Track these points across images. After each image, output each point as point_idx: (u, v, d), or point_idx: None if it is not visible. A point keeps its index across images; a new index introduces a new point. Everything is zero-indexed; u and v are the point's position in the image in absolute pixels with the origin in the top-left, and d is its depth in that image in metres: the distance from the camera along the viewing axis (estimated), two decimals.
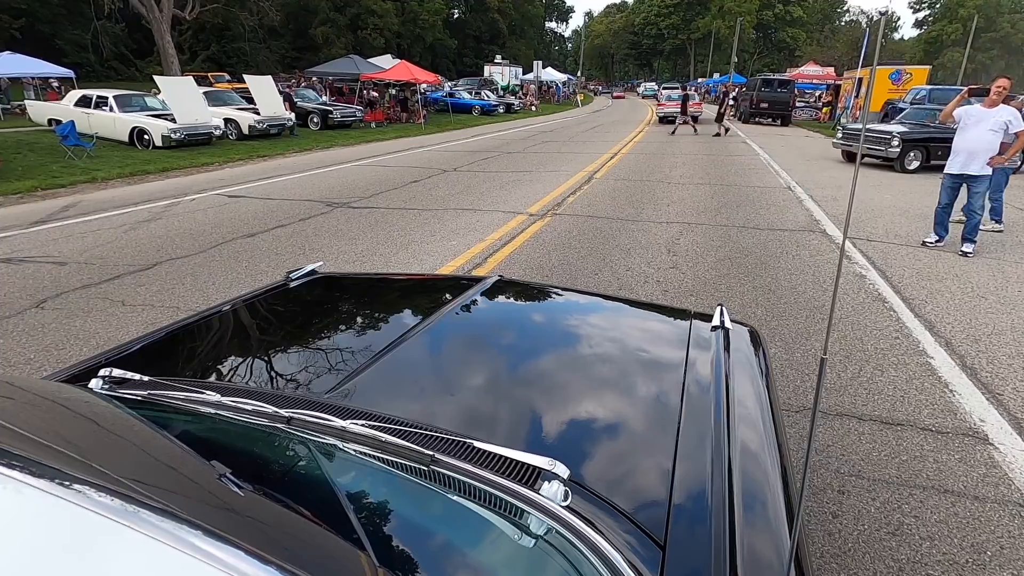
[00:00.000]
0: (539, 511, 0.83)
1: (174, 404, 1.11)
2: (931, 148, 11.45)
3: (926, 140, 11.51)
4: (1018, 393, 3.22)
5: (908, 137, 11.42)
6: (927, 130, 11.82)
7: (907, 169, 11.43)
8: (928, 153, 11.49)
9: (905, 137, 11.37)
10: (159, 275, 5.03)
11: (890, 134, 11.46)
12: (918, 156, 11.52)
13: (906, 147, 11.30)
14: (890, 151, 11.31)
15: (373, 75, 22.07)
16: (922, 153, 11.50)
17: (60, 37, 32.81)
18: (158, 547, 0.57)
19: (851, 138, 12.45)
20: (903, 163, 11.42)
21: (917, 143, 11.48)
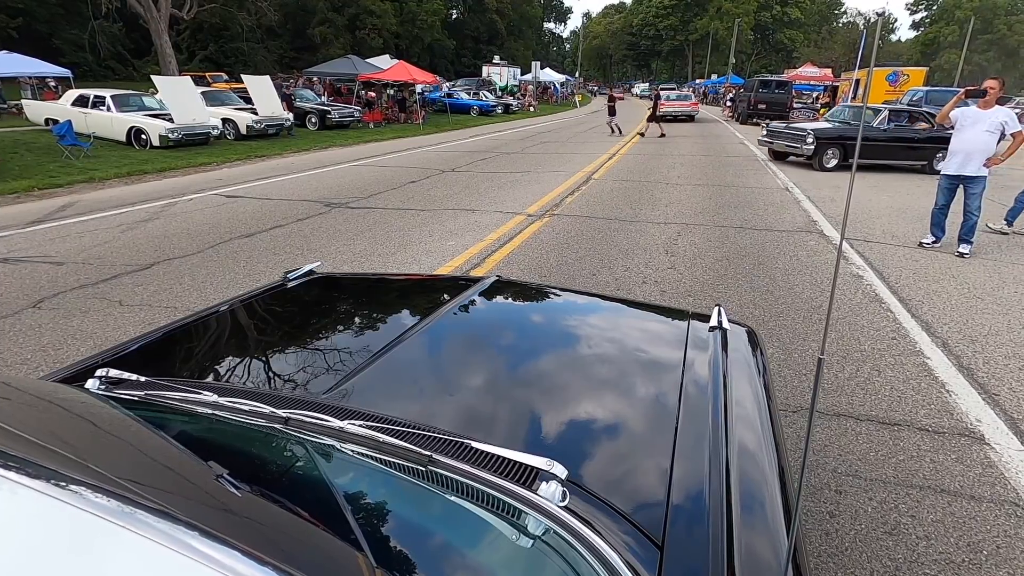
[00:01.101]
0: (537, 511, 0.83)
1: (171, 404, 1.11)
2: (848, 146, 11.44)
3: (843, 138, 11.47)
4: (1014, 393, 3.23)
5: (823, 135, 11.36)
6: (847, 129, 11.79)
7: (825, 167, 11.38)
8: (846, 151, 11.45)
9: (820, 135, 11.30)
10: (156, 275, 5.02)
11: (804, 131, 11.46)
12: (836, 154, 11.44)
13: (821, 145, 11.23)
14: (805, 148, 11.28)
15: (371, 75, 22.05)
16: (839, 151, 11.44)
17: (57, 37, 32.72)
18: (155, 548, 0.57)
19: (775, 136, 12.38)
20: (821, 161, 11.35)
21: (833, 141, 11.42)
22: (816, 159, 11.34)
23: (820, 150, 11.23)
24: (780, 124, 12.98)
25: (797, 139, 11.55)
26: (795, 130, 11.83)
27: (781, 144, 12.11)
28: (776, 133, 12.42)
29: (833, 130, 11.66)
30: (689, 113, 27.90)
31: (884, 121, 11.45)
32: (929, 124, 11.66)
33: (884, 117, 11.50)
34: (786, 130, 12.17)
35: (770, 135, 12.59)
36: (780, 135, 12.30)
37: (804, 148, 11.27)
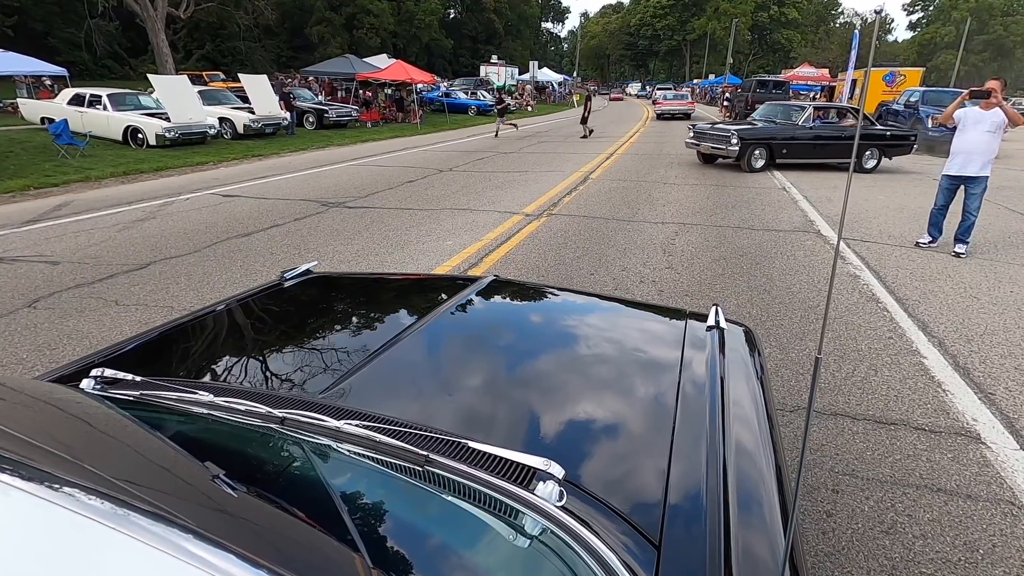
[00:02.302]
0: (534, 511, 0.83)
1: (167, 404, 1.10)
2: (774, 146, 11.05)
3: (767, 139, 11.05)
4: (1010, 393, 3.24)
5: (747, 135, 10.88)
6: (772, 128, 11.37)
7: (753, 168, 10.98)
8: (771, 152, 11.06)
9: (743, 135, 10.80)
10: (153, 275, 5.00)
11: (728, 132, 10.92)
12: (762, 155, 11.03)
13: (746, 145, 10.79)
14: (729, 149, 10.79)
15: (368, 75, 22.02)
16: (765, 151, 11.03)
17: (53, 35, 32.60)
18: (149, 551, 0.57)
19: (701, 137, 11.62)
20: (748, 162, 10.93)
21: (758, 141, 10.99)
22: (743, 160, 10.90)
23: (745, 151, 10.77)
24: (705, 125, 12.15)
25: (722, 140, 10.98)
26: (719, 131, 11.24)
27: (707, 146, 11.43)
28: (702, 134, 11.63)
29: (758, 130, 11.22)
30: (685, 111, 29.78)
31: (809, 119, 11.24)
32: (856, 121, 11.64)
33: (809, 115, 11.28)
34: (711, 131, 11.48)
35: (696, 137, 11.77)
36: (706, 136, 11.53)
37: (729, 149, 10.76)
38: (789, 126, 11.22)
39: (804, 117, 11.22)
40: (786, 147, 11.03)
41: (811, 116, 11.22)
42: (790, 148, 11.04)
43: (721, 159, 11.52)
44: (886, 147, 11.57)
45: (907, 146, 11.84)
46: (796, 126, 11.15)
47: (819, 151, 11.31)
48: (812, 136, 11.11)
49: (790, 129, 11.13)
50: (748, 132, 10.99)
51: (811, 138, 11.11)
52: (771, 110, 12.59)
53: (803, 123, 11.14)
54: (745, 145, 10.71)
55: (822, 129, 11.27)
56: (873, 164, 11.61)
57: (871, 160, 11.56)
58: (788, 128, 11.17)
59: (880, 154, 11.57)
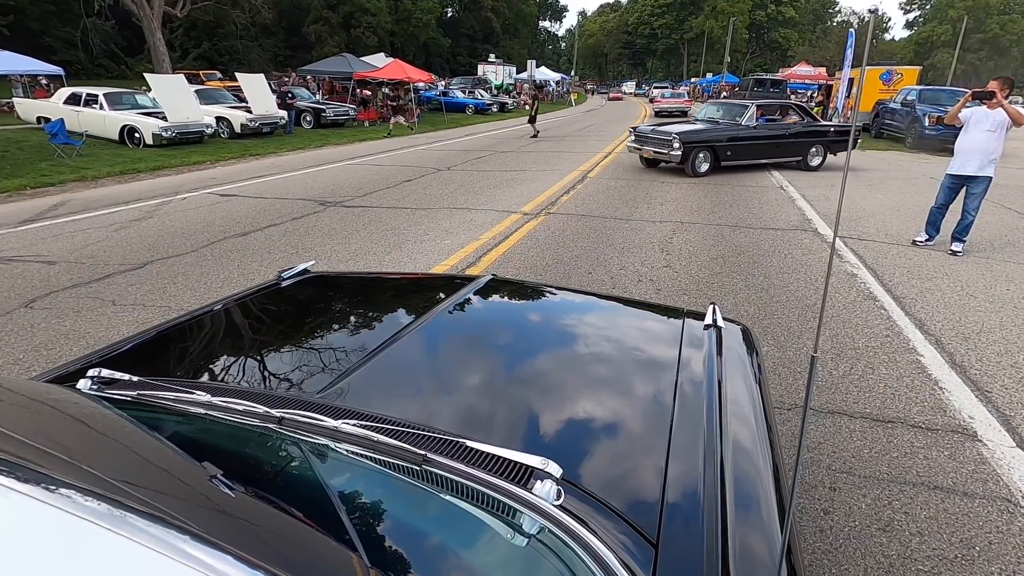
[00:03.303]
0: (532, 510, 0.83)
1: (164, 405, 1.10)
2: (717, 148, 10.33)
3: (710, 141, 10.34)
4: (1006, 390, 3.26)
5: (689, 138, 10.08)
6: (715, 129, 10.64)
7: (698, 172, 10.26)
8: (715, 154, 10.35)
9: (685, 138, 10.00)
10: (150, 274, 4.99)
11: (669, 135, 10.10)
12: (707, 158, 10.31)
13: (689, 149, 10.01)
14: (672, 153, 9.99)
15: (366, 74, 21.98)
16: (709, 154, 10.32)
17: (49, 34, 32.47)
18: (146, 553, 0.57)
19: (643, 141, 10.78)
20: (693, 166, 10.17)
21: (702, 144, 10.22)
22: (687, 164, 10.14)
23: (688, 154, 10.02)
24: (646, 127, 11.09)
25: (664, 143, 10.18)
26: (661, 134, 10.33)
27: (649, 150, 10.59)
28: (643, 138, 10.74)
29: (701, 132, 10.47)
30: (682, 109, 30.96)
31: (753, 118, 10.63)
32: (799, 117, 11.15)
33: (752, 113, 10.64)
34: (652, 134, 10.57)
35: (637, 140, 10.88)
36: (647, 140, 10.66)
37: (671, 153, 10.00)
38: (732, 126, 10.61)
39: (747, 116, 10.59)
40: (731, 148, 10.43)
41: (754, 115, 10.63)
42: (735, 149, 10.47)
43: (664, 163, 10.78)
44: (831, 143, 11.36)
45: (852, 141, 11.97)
46: (739, 126, 10.52)
47: (765, 151, 10.87)
48: (757, 136, 10.62)
49: (733, 129, 10.52)
50: (690, 134, 10.21)
51: (756, 138, 10.61)
52: (713, 110, 11.92)
53: (746, 122, 10.54)
54: (688, 148, 9.97)
55: (766, 128, 10.82)
56: (819, 161, 11.35)
57: (816, 157, 11.29)
58: (731, 128, 10.56)
59: (825, 151, 11.37)
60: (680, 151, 9.87)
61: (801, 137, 10.96)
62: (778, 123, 11.08)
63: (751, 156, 10.79)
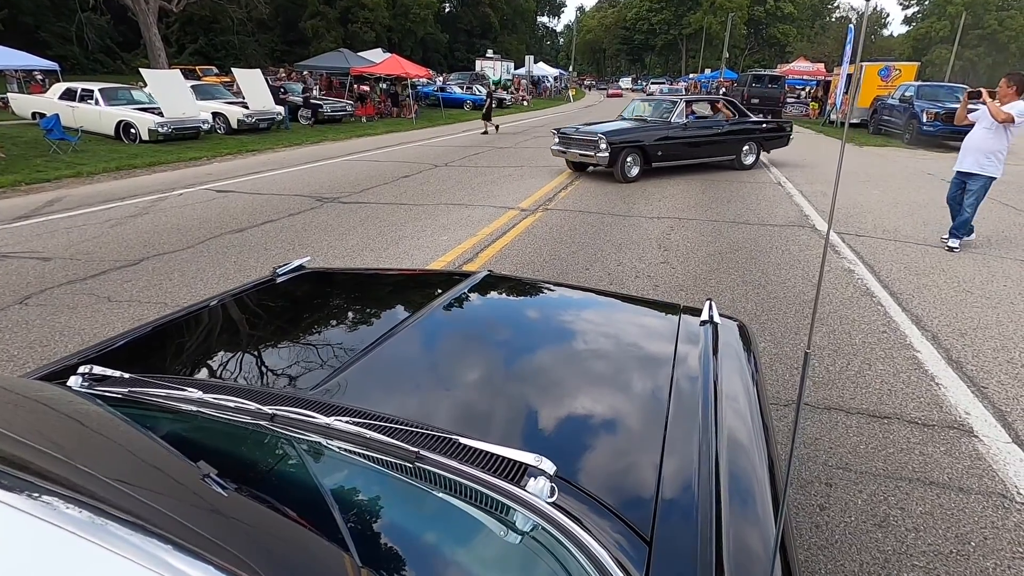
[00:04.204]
0: (525, 508, 0.83)
1: (156, 402, 1.09)
2: (647, 149, 9.44)
3: (639, 141, 9.37)
4: (1003, 386, 3.26)
5: (617, 139, 9.14)
6: (644, 128, 9.72)
7: (628, 177, 9.31)
8: (646, 155, 9.47)
9: (613, 139, 9.07)
10: (146, 271, 4.97)
11: (595, 136, 9.13)
12: (636, 160, 9.39)
13: (617, 151, 9.07)
14: (599, 156, 9.04)
15: (363, 69, 21.89)
16: (639, 156, 9.40)
17: (44, 29, 32.26)
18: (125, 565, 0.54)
19: (567, 143, 9.76)
20: (622, 170, 9.24)
21: (630, 145, 9.28)
22: (616, 168, 9.19)
23: (617, 157, 9.10)
24: (570, 127, 10.10)
25: (589, 145, 9.24)
26: (586, 135, 9.39)
27: (575, 153, 9.61)
28: (567, 139, 9.74)
29: (629, 131, 9.51)
30: None
31: (682, 114, 9.82)
32: (732, 112, 10.44)
33: (682, 110, 9.81)
34: (576, 135, 9.59)
35: (562, 142, 9.84)
36: (572, 141, 9.67)
37: (598, 156, 9.06)
38: (661, 125, 9.77)
39: (676, 113, 9.77)
40: (661, 149, 9.59)
41: (683, 111, 9.84)
42: (665, 150, 9.66)
43: (592, 167, 9.74)
44: (764, 140, 10.91)
45: (784, 137, 11.18)
46: (669, 124, 9.71)
47: (697, 150, 10.14)
48: (688, 134, 9.88)
49: (663, 128, 9.70)
50: (618, 134, 9.30)
51: (687, 136, 9.87)
52: (639, 107, 10.87)
53: (676, 120, 9.74)
54: (616, 150, 9.06)
55: (697, 125, 10.11)
56: (752, 160, 10.80)
57: (750, 156, 10.75)
58: (661, 127, 9.73)
59: (759, 148, 10.86)
60: (607, 153, 8.97)
61: (734, 134, 10.40)
62: (709, 120, 10.44)
63: (683, 156, 10.01)
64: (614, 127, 9.69)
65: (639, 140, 9.41)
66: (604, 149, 9.00)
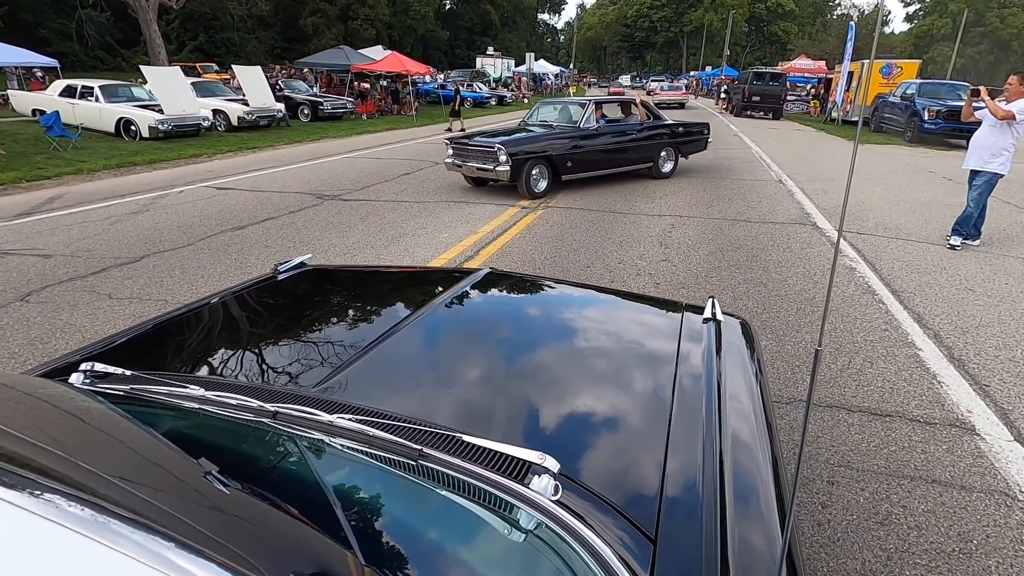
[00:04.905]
0: (529, 506, 0.82)
1: (157, 399, 1.09)
2: (555, 159, 8.04)
3: (546, 151, 7.99)
4: (1004, 384, 3.26)
5: (519, 150, 7.71)
6: (550, 136, 8.18)
7: (535, 192, 7.92)
8: (554, 167, 8.08)
9: (514, 150, 7.62)
10: (146, 268, 4.97)
11: (494, 147, 7.61)
12: (543, 173, 8.01)
13: (520, 163, 7.64)
14: (499, 170, 7.58)
15: (364, 66, 21.86)
16: (546, 168, 8.03)
17: (44, 26, 32.19)
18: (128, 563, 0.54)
19: (462, 155, 8.16)
20: (528, 185, 7.82)
21: (536, 156, 7.87)
22: (520, 183, 7.78)
23: (520, 170, 7.69)
24: (464, 136, 8.71)
25: (487, 157, 7.74)
26: (482, 145, 7.84)
27: (472, 167, 8.03)
28: (462, 151, 8.15)
29: (533, 139, 8.04)
30: (679, 101, 31.95)
31: (592, 118, 8.45)
32: (646, 115, 9.32)
33: (591, 113, 8.45)
34: (472, 145, 8.03)
35: (456, 154, 8.22)
36: (467, 153, 8.08)
37: (498, 170, 7.61)
38: (571, 130, 8.42)
39: (586, 117, 8.42)
40: (571, 159, 8.26)
41: (594, 115, 8.53)
42: (576, 159, 8.34)
43: (492, 182, 8.22)
44: (682, 144, 9.81)
45: (702, 140, 10.15)
46: (578, 129, 8.36)
47: (611, 158, 8.84)
48: (601, 141, 8.61)
49: (572, 134, 8.35)
50: (520, 143, 7.89)
51: (600, 143, 8.61)
52: (546, 111, 9.40)
53: (586, 125, 8.38)
54: (519, 163, 7.67)
55: (610, 130, 8.85)
56: (670, 167, 9.66)
57: (668, 162, 9.63)
58: (570, 133, 8.36)
59: (677, 154, 9.74)
60: (509, 166, 7.56)
61: (650, 139, 9.27)
62: (622, 123, 9.25)
63: (596, 166, 8.73)
64: (516, 136, 8.20)
65: (545, 150, 8.03)
66: (504, 162, 7.57)
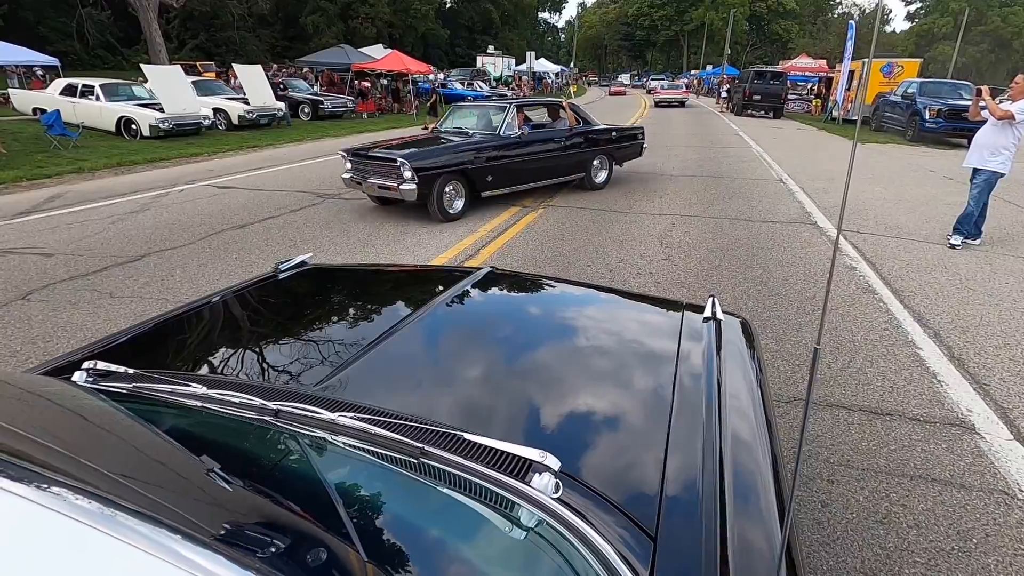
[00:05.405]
0: (530, 503, 0.83)
1: (160, 397, 1.09)
2: (472, 173, 6.70)
3: (460, 164, 6.59)
4: (1004, 383, 3.26)
5: (426, 164, 6.31)
6: (465, 145, 6.77)
7: (449, 214, 6.62)
8: (471, 181, 6.77)
9: (420, 164, 6.24)
10: (147, 267, 4.98)
11: (396, 161, 6.20)
12: (459, 190, 6.69)
13: (429, 178, 6.30)
14: (404, 188, 6.18)
15: (364, 65, 21.84)
16: (463, 183, 6.71)
17: (44, 24, 32.16)
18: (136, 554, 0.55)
19: (361, 171, 6.70)
20: (441, 206, 6.50)
21: (449, 170, 6.50)
22: (431, 203, 6.46)
23: (430, 188, 6.36)
24: (363, 148, 6.89)
25: (389, 173, 6.36)
26: (383, 158, 6.41)
27: (373, 184, 6.54)
28: (361, 167, 6.71)
29: (444, 151, 6.63)
30: (680, 100, 32.15)
31: (514, 124, 7.16)
32: (575, 119, 7.97)
33: (512, 118, 7.16)
34: (372, 160, 6.56)
35: (355, 168, 6.80)
36: (367, 169, 6.63)
37: (404, 189, 6.20)
38: (490, 139, 7.07)
39: (506, 121, 7.13)
40: (491, 172, 6.94)
41: (516, 120, 7.23)
42: (497, 172, 7.02)
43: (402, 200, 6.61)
44: (616, 151, 8.71)
45: (637, 146, 9.07)
46: (498, 137, 7.04)
47: (539, 169, 7.58)
48: (524, 149, 7.28)
49: (491, 142, 7.02)
50: (428, 156, 6.44)
51: (524, 152, 7.29)
52: (462, 116, 7.94)
53: (507, 132, 7.09)
54: (428, 179, 6.33)
55: (536, 137, 7.53)
56: (604, 177, 8.55)
57: (601, 171, 8.51)
58: (488, 142, 7.02)
59: (610, 162, 8.64)
60: (415, 184, 6.20)
61: (581, 146, 8.04)
62: (549, 129, 8.08)
63: (520, 179, 7.40)
64: (423, 148, 6.66)
65: (460, 162, 6.63)
66: (410, 179, 6.19)
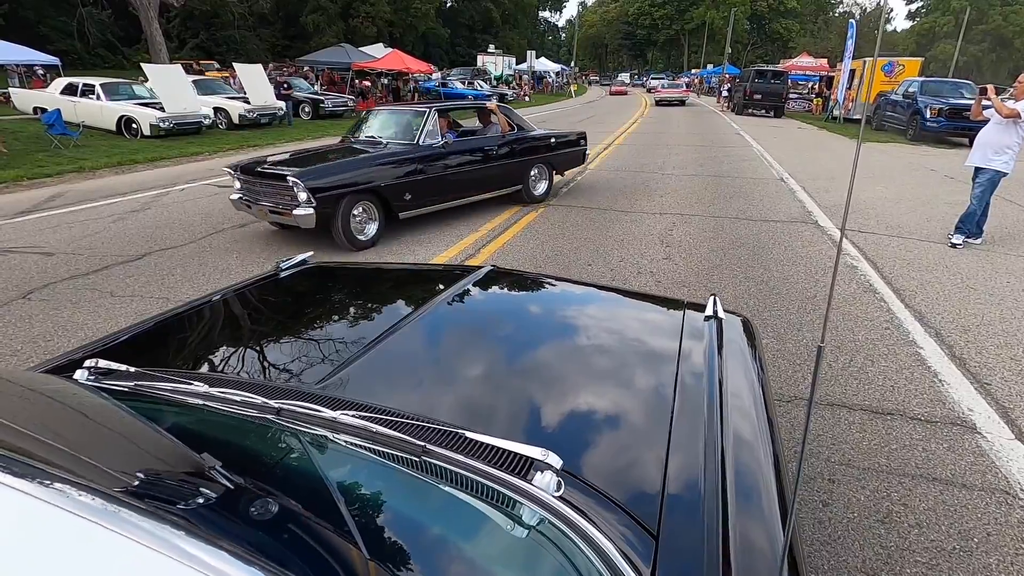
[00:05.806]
0: (532, 502, 0.83)
1: (162, 395, 1.09)
2: (385, 192, 5.59)
3: (369, 182, 5.46)
4: (1006, 382, 3.26)
5: (324, 182, 5.16)
6: (377, 159, 5.68)
7: (360, 242, 5.51)
8: (385, 203, 5.66)
9: (318, 184, 5.10)
10: (148, 265, 4.98)
11: (287, 181, 5.07)
12: (372, 212, 5.61)
13: (329, 200, 5.15)
14: (299, 214, 5.05)
15: (365, 64, 21.85)
16: (376, 203, 5.60)
17: (45, 24, 32.18)
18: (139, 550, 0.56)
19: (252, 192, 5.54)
20: (346, 233, 5.35)
21: (355, 189, 5.34)
22: (335, 229, 5.32)
23: (335, 210, 5.22)
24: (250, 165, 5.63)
25: (281, 194, 5.21)
26: (274, 179, 5.25)
27: (264, 208, 5.37)
28: (252, 189, 5.55)
29: (350, 166, 5.50)
30: (680, 99, 32.49)
31: (436, 132, 6.12)
32: (509, 125, 6.96)
33: (434, 124, 6.11)
34: (261, 178, 5.39)
35: (245, 189, 5.63)
36: (256, 191, 5.48)
37: (299, 215, 5.06)
38: (407, 150, 5.93)
39: (426, 129, 6.04)
40: (409, 189, 5.81)
41: (438, 127, 6.19)
42: (417, 190, 5.89)
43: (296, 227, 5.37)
44: (555, 159, 7.67)
45: (579, 152, 8.11)
46: (417, 148, 5.95)
47: (468, 182, 6.53)
48: (449, 161, 6.22)
49: (408, 155, 5.88)
50: (331, 175, 5.31)
51: (449, 165, 6.22)
52: (375, 123, 6.63)
53: (427, 141, 6.01)
54: (329, 200, 5.17)
55: (462, 146, 6.52)
56: (544, 188, 7.58)
57: (541, 182, 7.52)
58: (405, 154, 5.87)
59: (550, 171, 7.64)
60: (311, 209, 5.06)
61: (516, 155, 7.01)
62: (479, 136, 7.08)
63: (445, 195, 6.32)
64: (325, 163, 5.53)
65: (370, 179, 5.51)
66: (305, 202, 5.05)
